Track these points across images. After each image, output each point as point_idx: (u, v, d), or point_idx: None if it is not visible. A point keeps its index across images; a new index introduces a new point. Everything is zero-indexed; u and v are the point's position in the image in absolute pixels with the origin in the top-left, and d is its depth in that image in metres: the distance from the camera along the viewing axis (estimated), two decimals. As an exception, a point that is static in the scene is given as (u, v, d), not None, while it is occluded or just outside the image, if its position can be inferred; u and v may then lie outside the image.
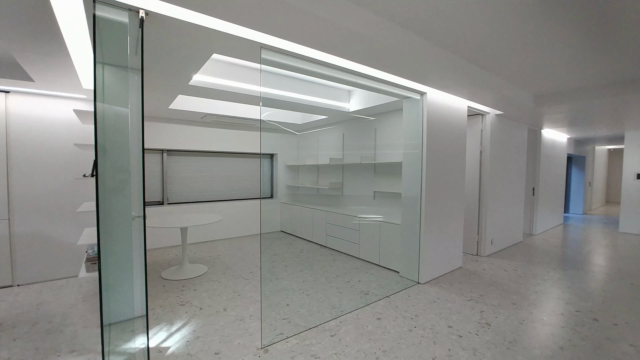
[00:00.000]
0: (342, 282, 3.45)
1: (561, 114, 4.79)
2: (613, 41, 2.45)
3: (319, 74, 2.72)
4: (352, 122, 5.09)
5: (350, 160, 5.09)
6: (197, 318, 2.60)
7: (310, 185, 5.88)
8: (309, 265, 4.05)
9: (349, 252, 4.52)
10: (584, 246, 5.26)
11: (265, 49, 2.12)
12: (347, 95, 4.50)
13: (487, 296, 3.11)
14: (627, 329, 2.49)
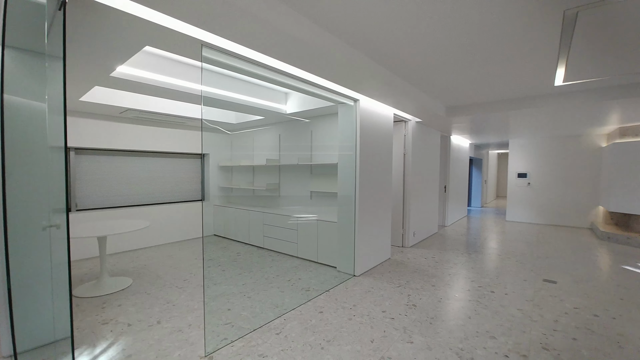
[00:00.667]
0: (282, 281, 3.50)
1: (465, 123, 5.67)
2: (505, 68, 3.04)
3: (258, 75, 2.73)
4: (289, 124, 5.17)
5: (287, 161, 5.17)
6: (126, 335, 2.35)
7: (246, 186, 5.77)
8: (247, 268, 3.98)
9: (287, 252, 4.59)
10: (482, 233, 6.32)
11: (206, 47, 2.05)
12: (284, 97, 4.56)
13: (412, 282, 3.52)
14: (514, 297, 3.12)
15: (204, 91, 3.49)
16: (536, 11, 2.00)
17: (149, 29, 1.81)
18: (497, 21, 2.12)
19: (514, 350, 2.21)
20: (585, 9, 1.99)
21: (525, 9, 1.98)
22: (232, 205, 5.76)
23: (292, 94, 4.49)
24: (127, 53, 2.21)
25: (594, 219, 6.80)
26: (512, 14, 2.02)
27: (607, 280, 3.63)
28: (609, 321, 2.64)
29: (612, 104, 3.91)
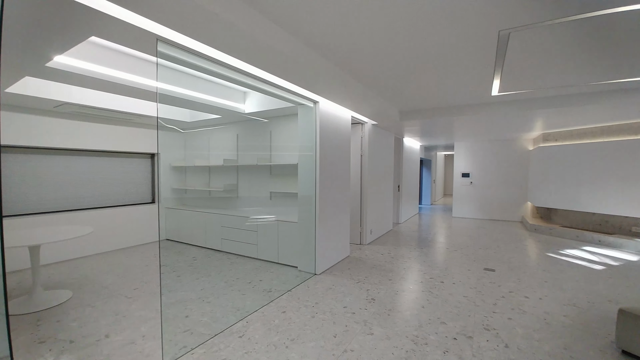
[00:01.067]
0: (243, 284, 3.44)
1: (416, 127, 6.06)
2: (450, 78, 3.33)
3: (216, 74, 2.65)
4: (247, 124, 5.07)
5: (245, 161, 5.06)
6: (68, 353, 2.13)
7: (202, 187, 5.53)
8: (205, 273, 3.83)
9: (247, 254, 4.50)
10: (432, 229, 6.81)
11: (162, 42, 1.95)
12: (242, 97, 4.47)
13: (371, 277, 3.68)
14: (460, 286, 3.43)
15: (155, 87, 3.29)
16: (476, 30, 2.24)
17: (96, 18, 1.67)
18: (443, 36, 2.33)
19: (461, 333, 2.43)
20: (516, 30, 2.28)
21: (467, 28, 2.20)
22: (187, 208, 5.48)
23: (250, 94, 4.42)
24: (69, 42, 2.01)
25: (524, 213, 7.71)
26: (456, 31, 2.24)
27: (534, 266, 4.15)
28: (537, 301, 3.03)
29: (537, 113, 4.47)
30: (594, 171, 5.64)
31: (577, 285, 3.45)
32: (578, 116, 4.79)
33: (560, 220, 6.49)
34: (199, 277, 3.66)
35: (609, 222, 5.66)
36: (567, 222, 6.33)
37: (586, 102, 3.92)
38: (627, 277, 3.74)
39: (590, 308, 2.89)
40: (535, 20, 2.13)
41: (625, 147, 5.21)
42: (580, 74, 3.20)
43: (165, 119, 5.15)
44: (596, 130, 5.76)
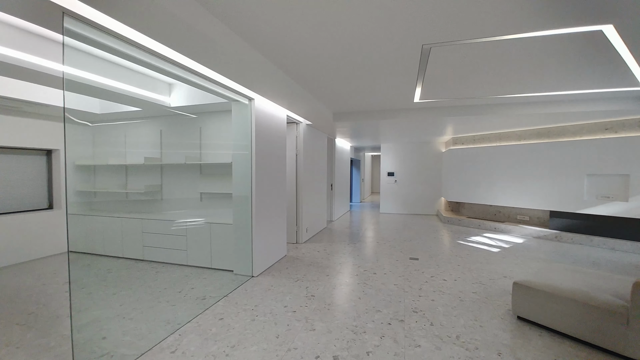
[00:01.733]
0: (173, 294, 3.13)
1: (347, 128, 6.36)
2: (379, 84, 3.57)
3: (137, 60, 2.34)
4: (173, 119, 4.63)
5: (171, 160, 4.62)
6: None
7: (117, 189, 4.86)
8: (124, 286, 3.37)
9: (175, 261, 4.11)
10: (363, 225, 7.23)
11: (70, 17, 1.64)
12: (168, 89, 4.07)
13: (309, 274, 3.73)
14: (391, 275, 3.71)
15: (62, 71, 2.76)
16: (402, 42, 2.45)
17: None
18: (373, 44, 2.49)
19: (395, 318, 2.64)
20: (437, 46, 2.57)
21: (394, 39, 2.39)
22: (97, 213, 4.74)
23: (177, 86, 4.05)
24: None
25: (439, 207, 8.75)
26: (384, 40, 2.42)
27: (449, 252, 4.74)
28: (453, 282, 3.47)
29: (449, 120, 5.12)
30: (490, 170, 6.72)
31: (480, 266, 4.05)
32: (479, 124, 5.65)
33: (467, 212, 7.57)
34: (116, 292, 3.20)
35: (501, 212, 6.82)
36: (472, 213, 7.42)
37: (487, 112, 4.64)
38: (515, 256, 4.56)
39: (491, 284, 3.43)
40: (453, 39, 2.43)
41: (514, 151, 6.33)
42: (484, 88, 3.77)
43: (68, 109, 4.37)
44: (492, 136, 6.88)
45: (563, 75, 3.29)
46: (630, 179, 4.82)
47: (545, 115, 4.74)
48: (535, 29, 2.29)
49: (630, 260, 4.40)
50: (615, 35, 2.37)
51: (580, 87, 3.73)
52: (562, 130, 5.72)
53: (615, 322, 2.11)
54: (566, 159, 5.53)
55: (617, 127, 5.08)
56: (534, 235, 5.83)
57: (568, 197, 5.51)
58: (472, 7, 1.97)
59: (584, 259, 4.45)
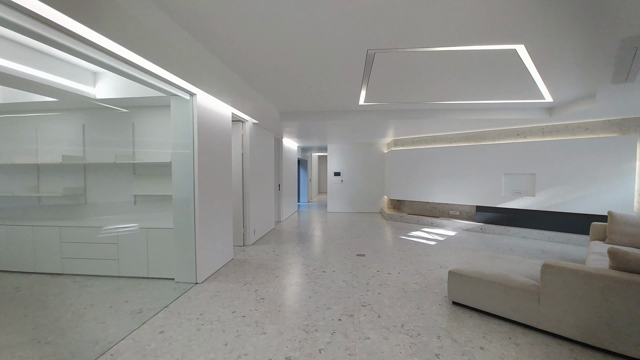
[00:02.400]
0: (101, 309, 2.77)
1: (294, 128, 6.34)
2: (326, 85, 3.64)
3: (52, 42, 2.01)
4: (99, 112, 4.11)
5: (97, 158, 4.08)
6: None
7: (25, 193, 4.15)
8: (38, 305, 2.89)
9: (104, 273, 3.65)
10: (311, 224, 7.29)
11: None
12: (92, 78, 3.61)
13: (258, 277, 3.63)
14: (340, 272, 3.80)
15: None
16: (348, 45, 2.53)
17: None
18: (320, 46, 2.53)
19: (344, 313, 2.70)
20: (381, 52, 2.70)
21: (340, 42, 2.46)
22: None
23: (105, 75, 3.62)
24: None
25: (382, 205, 9.24)
26: (330, 43, 2.47)
27: (392, 247, 5.03)
28: (397, 275, 3.69)
29: (390, 122, 5.43)
30: (427, 170, 7.32)
31: (420, 259, 4.38)
32: (417, 127, 6.11)
33: (407, 209, 8.12)
34: (27, 313, 2.72)
35: (437, 208, 7.47)
36: (412, 210, 7.99)
37: (423, 116, 5.03)
38: (449, 247, 5.02)
39: (429, 274, 3.73)
40: (395, 47, 2.58)
41: (446, 153, 6.98)
42: (420, 94, 4.08)
43: (-44, 97, 3.59)
44: (428, 139, 7.50)
45: (484, 86, 3.72)
46: (536, 177, 5.67)
47: (470, 121, 5.33)
48: (461, 44, 2.55)
49: (537, 246, 5.17)
50: (526, 54, 2.76)
51: (497, 98, 4.27)
52: (485, 135, 6.48)
53: (529, 300, 2.45)
54: (488, 160, 6.28)
55: (526, 133, 5.93)
56: (464, 228, 6.51)
57: (490, 193, 6.26)
58: (411, 18, 2.11)
59: (503, 246, 5.10)
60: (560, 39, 2.43)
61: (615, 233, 3.87)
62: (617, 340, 2.07)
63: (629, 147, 4.81)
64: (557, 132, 5.57)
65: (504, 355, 2.11)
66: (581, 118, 4.98)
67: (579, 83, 3.55)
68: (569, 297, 2.27)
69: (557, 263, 2.36)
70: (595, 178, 5.09)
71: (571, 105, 4.45)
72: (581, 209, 5.20)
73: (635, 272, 2.09)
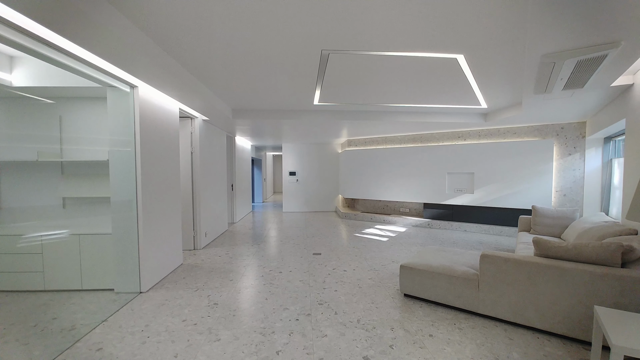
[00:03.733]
0: (23, 330, 2.40)
1: (247, 126, 6.16)
2: (281, 83, 3.58)
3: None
4: (16, 103, 3.55)
5: (13, 155, 3.52)
6: None
7: None
8: None
9: (25, 287, 3.16)
10: (266, 225, 7.15)
11: None
12: (8, 62, 3.11)
13: (210, 281, 3.45)
14: (296, 272, 3.78)
15: None
16: (302, 44, 2.53)
17: None
18: (276, 43, 2.49)
19: (302, 313, 2.69)
20: (335, 53, 2.74)
21: (293, 40, 2.45)
22: None
23: (25, 60, 3.14)
24: None
25: (337, 204, 9.42)
26: (284, 40, 2.45)
27: (347, 245, 5.15)
28: (352, 272, 3.78)
29: (343, 123, 5.56)
30: (379, 169, 7.63)
31: (374, 255, 4.55)
32: (369, 128, 6.34)
33: (361, 208, 8.39)
34: None
35: (389, 206, 7.83)
36: (365, 208, 8.27)
37: (374, 118, 5.24)
38: (400, 243, 5.30)
39: (383, 269, 3.89)
40: (349, 48, 2.64)
41: (396, 153, 7.35)
42: (371, 97, 4.23)
43: None
44: (380, 139, 7.82)
45: (429, 91, 3.98)
46: (474, 176, 6.24)
47: (415, 124, 5.68)
48: (409, 50, 2.71)
49: (476, 238, 5.69)
50: (465, 63, 3.01)
51: (440, 103, 4.60)
52: (430, 136, 6.96)
53: (470, 288, 2.67)
54: (433, 161, 6.75)
55: (465, 136, 6.50)
56: (413, 224, 6.92)
57: (435, 191, 6.74)
58: (362, 21, 2.18)
59: (448, 240, 5.52)
60: (494, 51, 2.69)
61: (538, 225, 4.42)
62: (542, 319, 2.36)
63: (547, 149, 5.53)
64: (491, 135, 6.20)
65: (450, 340, 2.28)
66: (510, 123, 5.60)
67: (509, 92, 3.99)
68: (502, 283, 2.53)
69: (492, 253, 2.61)
70: (521, 177, 5.76)
71: (502, 112, 4.98)
72: (510, 204, 5.85)
73: (555, 258, 2.40)
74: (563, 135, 5.50)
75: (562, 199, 5.51)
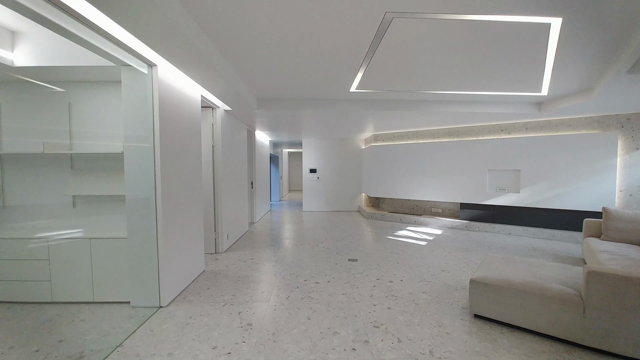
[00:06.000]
0: (24, 356, 1.96)
1: (268, 118, 5.63)
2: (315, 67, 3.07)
3: None
4: (20, 87, 3.14)
5: (18, 148, 3.11)
6: None
7: None
8: None
9: (30, 299, 2.75)
10: (288, 225, 6.66)
11: None
12: (9, 38, 2.69)
13: (239, 294, 2.97)
14: (335, 283, 3.27)
15: None
16: (362, 7, 2.00)
17: None
18: (334, 6, 1.98)
19: (357, 339, 2.18)
20: (400, 16, 2.20)
21: (352, 4, 1.93)
22: None
23: (28, 36, 2.71)
24: None
25: (360, 204, 8.87)
26: (340, 7, 1.93)
27: (383, 250, 4.62)
28: (400, 284, 3.25)
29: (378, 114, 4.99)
30: (409, 166, 7.05)
31: (418, 262, 4.00)
32: (401, 121, 5.77)
33: (387, 207, 7.82)
34: None
35: (418, 206, 7.24)
36: (392, 208, 7.70)
37: (412, 108, 4.67)
38: (442, 247, 4.73)
39: (434, 280, 3.35)
40: (419, 10, 2.10)
41: (429, 149, 6.75)
42: (416, 82, 3.68)
43: None
44: (410, 134, 7.23)
45: (485, 72, 3.39)
46: (520, 173, 5.60)
47: (458, 114, 5.07)
48: (496, 12, 2.15)
49: (525, 243, 5.07)
50: (558, 30, 2.43)
51: (491, 89, 4.01)
52: (469, 130, 6.34)
53: (571, 313, 2.11)
54: (472, 157, 6.14)
55: (510, 129, 5.86)
56: (448, 226, 6.32)
57: (474, 190, 6.12)
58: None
59: (493, 244, 4.93)
60: (599, 14, 2.12)
61: (611, 229, 3.80)
62: (683, 359, 1.80)
63: (610, 143, 4.86)
64: (540, 128, 5.55)
65: (563, 386, 1.73)
66: (568, 114, 4.95)
67: (584, 73, 3.37)
68: (619, 309, 1.96)
69: (603, 269, 2.05)
70: (577, 174, 5.10)
71: (563, 100, 4.35)
72: (564, 205, 5.21)
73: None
74: (629, 127, 4.82)
75: (628, 200, 4.84)
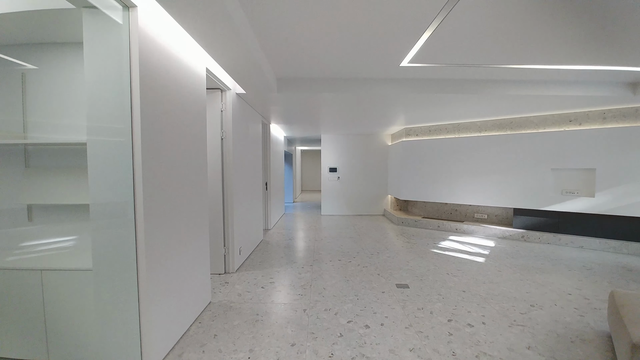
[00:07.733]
0: None
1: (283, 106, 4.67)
2: (362, 38, 2.12)
3: None
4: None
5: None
6: None
7: None
8: None
9: (-49, 358, 1.88)
10: (309, 234, 5.70)
11: None
12: None
13: (259, 347, 2.04)
14: (392, 327, 2.31)
15: None
16: None
17: None
18: None
19: None
20: None
21: None
22: None
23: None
24: None
25: (385, 207, 7.88)
26: None
27: (435, 270, 3.63)
28: (484, 328, 2.27)
29: (429, 98, 4.01)
30: (448, 165, 6.02)
31: (489, 290, 3.02)
32: (442, 111, 4.77)
33: (418, 211, 6.81)
34: None
35: (458, 211, 6.22)
36: (426, 212, 6.68)
37: (472, 90, 3.68)
38: (508, 267, 3.71)
39: (530, 323, 2.36)
40: None
41: (473, 144, 5.72)
42: (487, 53, 2.68)
43: None
44: (450, 127, 6.19)
45: (569, 45, 2.38)
46: (596, 173, 4.54)
47: (523, 100, 4.05)
48: None
49: (613, 260, 4.02)
50: None
51: (582, 63, 2.98)
52: (525, 121, 5.29)
53: None
54: (529, 153, 5.10)
55: (581, 119, 4.80)
56: (499, 236, 5.30)
57: (532, 193, 5.08)
58: None
59: (568, 261, 3.90)
60: None
61: None
62: None
63: None
64: (623, 117, 4.47)
65: None
66: (669, 97, 3.88)
67: None
68: None
69: None
70: (678, 174, 4.03)
71: (679, 76, 3.30)
72: (658, 213, 4.14)
73: None
74: None
75: None
